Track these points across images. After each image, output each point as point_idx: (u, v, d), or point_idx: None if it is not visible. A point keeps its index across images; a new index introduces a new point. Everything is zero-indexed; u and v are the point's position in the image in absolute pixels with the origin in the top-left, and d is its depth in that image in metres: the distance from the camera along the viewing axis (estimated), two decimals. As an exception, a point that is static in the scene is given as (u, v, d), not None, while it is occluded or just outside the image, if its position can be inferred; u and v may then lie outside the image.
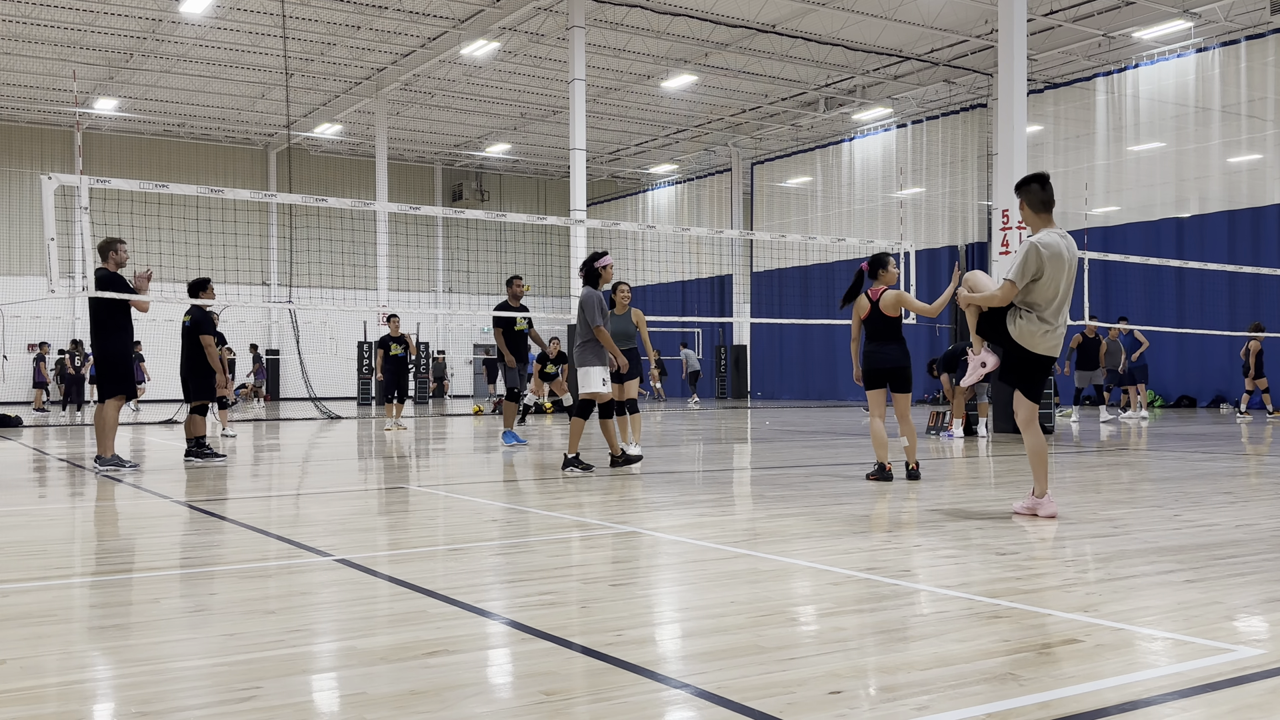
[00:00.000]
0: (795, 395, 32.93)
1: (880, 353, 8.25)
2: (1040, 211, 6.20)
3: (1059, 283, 6.08)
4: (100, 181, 9.70)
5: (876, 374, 8.27)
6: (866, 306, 8.33)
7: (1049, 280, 6.05)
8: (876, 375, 8.28)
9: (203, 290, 10.97)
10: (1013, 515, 6.29)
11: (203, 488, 8.31)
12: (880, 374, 8.26)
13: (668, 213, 38.93)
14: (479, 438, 14.86)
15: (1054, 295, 6.08)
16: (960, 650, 3.28)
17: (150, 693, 2.91)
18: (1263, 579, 4.38)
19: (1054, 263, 6.04)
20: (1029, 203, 6.22)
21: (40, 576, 4.63)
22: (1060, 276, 6.08)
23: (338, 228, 32.29)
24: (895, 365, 8.26)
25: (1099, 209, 24.99)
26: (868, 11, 23.25)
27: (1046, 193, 6.17)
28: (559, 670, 3.11)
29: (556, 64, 26.55)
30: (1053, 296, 6.08)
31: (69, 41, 25.17)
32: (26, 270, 32.03)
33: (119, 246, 9.74)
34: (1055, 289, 6.07)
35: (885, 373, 8.26)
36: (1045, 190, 6.17)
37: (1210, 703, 2.78)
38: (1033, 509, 6.26)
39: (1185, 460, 10.18)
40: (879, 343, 8.27)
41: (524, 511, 6.65)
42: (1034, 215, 6.22)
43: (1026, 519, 6.16)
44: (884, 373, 8.26)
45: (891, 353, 8.26)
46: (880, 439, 8.28)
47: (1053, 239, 6.07)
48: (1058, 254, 6.06)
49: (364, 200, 17.84)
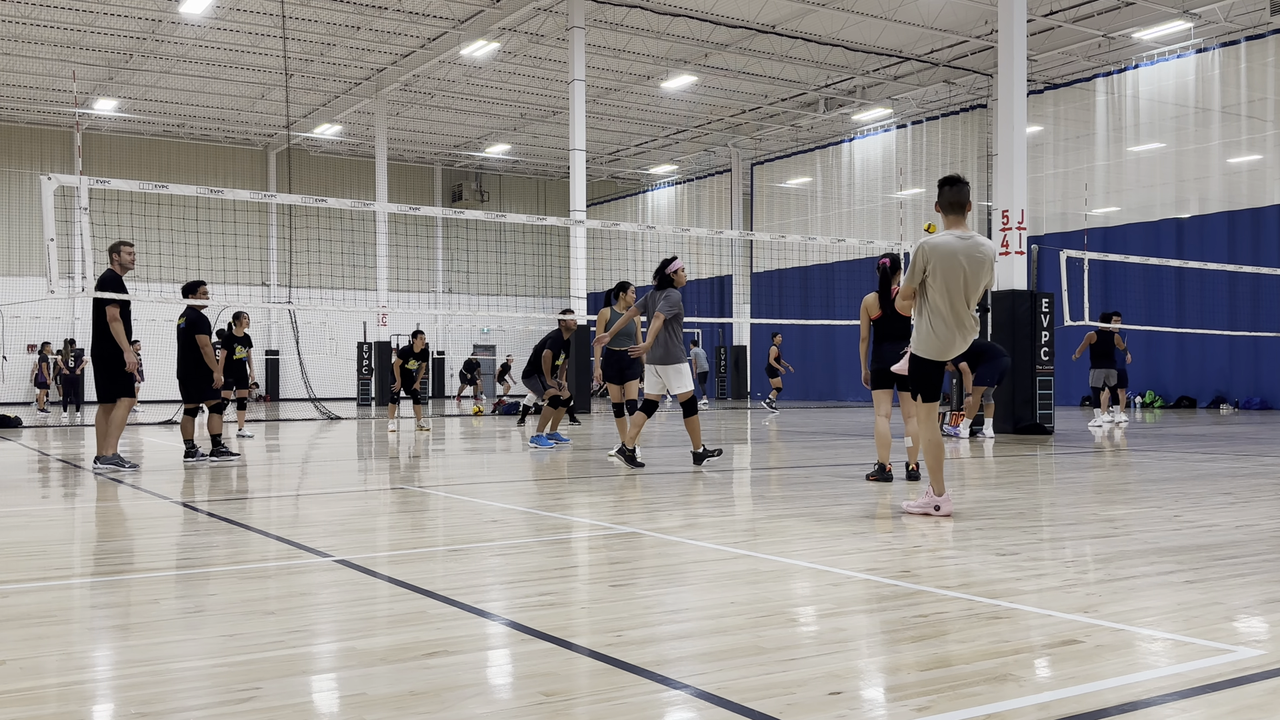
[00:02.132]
0: (795, 395, 32.92)
1: (895, 354, 8.19)
2: (949, 213, 6.27)
3: (952, 282, 6.09)
4: (100, 182, 9.70)
5: (887, 374, 8.21)
6: (878, 307, 8.32)
7: (940, 280, 6.09)
8: (887, 376, 8.21)
9: (194, 293, 10.98)
10: (903, 515, 6.33)
11: (203, 488, 8.31)
12: (889, 374, 8.21)
13: (667, 213, 38.94)
14: (479, 438, 14.86)
15: (946, 295, 6.10)
16: (960, 650, 3.28)
17: (150, 693, 2.91)
18: (1263, 579, 4.38)
19: (943, 262, 6.07)
20: (939, 203, 6.32)
21: (40, 577, 4.62)
22: (953, 277, 6.08)
23: (337, 228, 32.30)
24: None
25: (1099, 209, 25.00)
26: (868, 12, 23.25)
27: (956, 194, 6.22)
28: (559, 671, 3.11)
29: (556, 64, 26.55)
30: (945, 297, 6.10)
31: (69, 42, 25.17)
32: (26, 271, 32.04)
33: (124, 249, 9.78)
34: (945, 289, 6.10)
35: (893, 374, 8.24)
36: (955, 191, 6.23)
37: (1210, 703, 2.78)
38: (927, 508, 6.28)
39: (1185, 460, 10.17)
40: (894, 343, 8.19)
41: (524, 512, 6.65)
42: (943, 216, 6.31)
43: (920, 518, 6.18)
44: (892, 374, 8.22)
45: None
46: (884, 439, 8.28)
47: (945, 239, 6.12)
48: (949, 254, 6.08)
49: (364, 201, 17.84)
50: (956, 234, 6.14)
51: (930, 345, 6.24)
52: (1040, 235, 25.19)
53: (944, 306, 6.11)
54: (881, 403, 8.33)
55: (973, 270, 6.10)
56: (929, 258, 6.07)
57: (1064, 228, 25.64)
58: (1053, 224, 26.11)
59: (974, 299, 6.19)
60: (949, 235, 6.13)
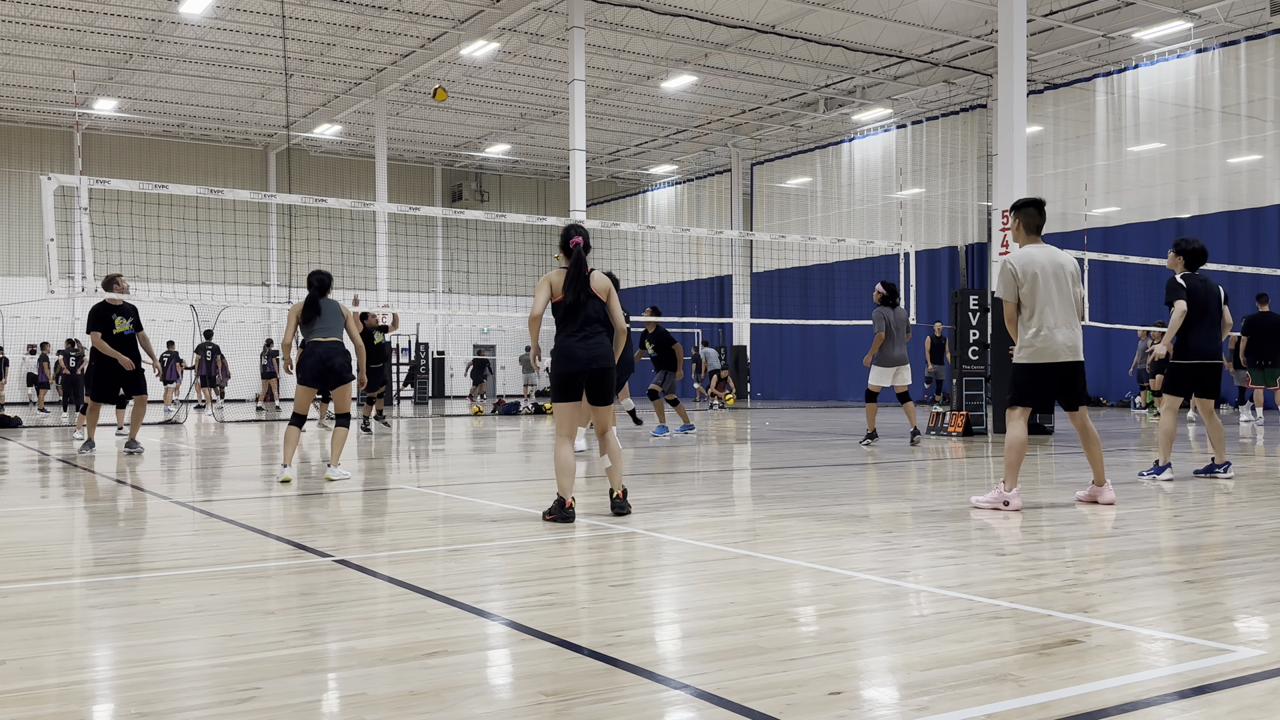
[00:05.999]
0: (795, 396, 32.92)
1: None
2: (1031, 234, 6.75)
3: (1041, 292, 6.54)
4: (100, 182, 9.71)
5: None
6: None
7: (1028, 291, 6.56)
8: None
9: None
10: (1075, 503, 6.76)
11: (203, 489, 8.31)
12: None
13: (667, 213, 38.93)
14: (479, 439, 14.86)
15: (1034, 304, 6.56)
16: (960, 651, 3.29)
17: (150, 693, 2.91)
18: (1263, 579, 4.38)
19: (1030, 277, 6.57)
20: (1023, 224, 6.78)
21: (40, 577, 4.63)
22: (1041, 286, 6.55)
23: (337, 228, 32.29)
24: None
25: (1099, 209, 24.99)
26: (867, 12, 23.24)
27: (1041, 217, 6.76)
28: (559, 671, 3.11)
29: (556, 64, 26.54)
30: (1034, 305, 6.56)
31: (69, 42, 25.16)
32: (26, 271, 32.03)
33: (119, 280, 10.42)
34: (1033, 298, 6.55)
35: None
36: (1040, 214, 6.77)
37: (1210, 703, 2.78)
38: (996, 503, 6.53)
39: (1185, 460, 10.17)
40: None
41: (524, 512, 6.65)
42: (1024, 235, 6.77)
43: (989, 513, 6.43)
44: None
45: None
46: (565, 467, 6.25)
47: (1028, 252, 6.64)
48: (1029, 268, 6.58)
49: (364, 200, 17.84)
50: (1037, 247, 6.68)
51: (1038, 347, 6.63)
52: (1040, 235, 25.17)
53: (1037, 310, 6.59)
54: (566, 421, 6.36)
55: (1062, 276, 6.64)
56: (1017, 272, 6.58)
57: (1064, 228, 25.63)
58: (1053, 224, 26.05)
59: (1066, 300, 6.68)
60: (1030, 249, 6.68)
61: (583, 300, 6.13)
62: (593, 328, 6.17)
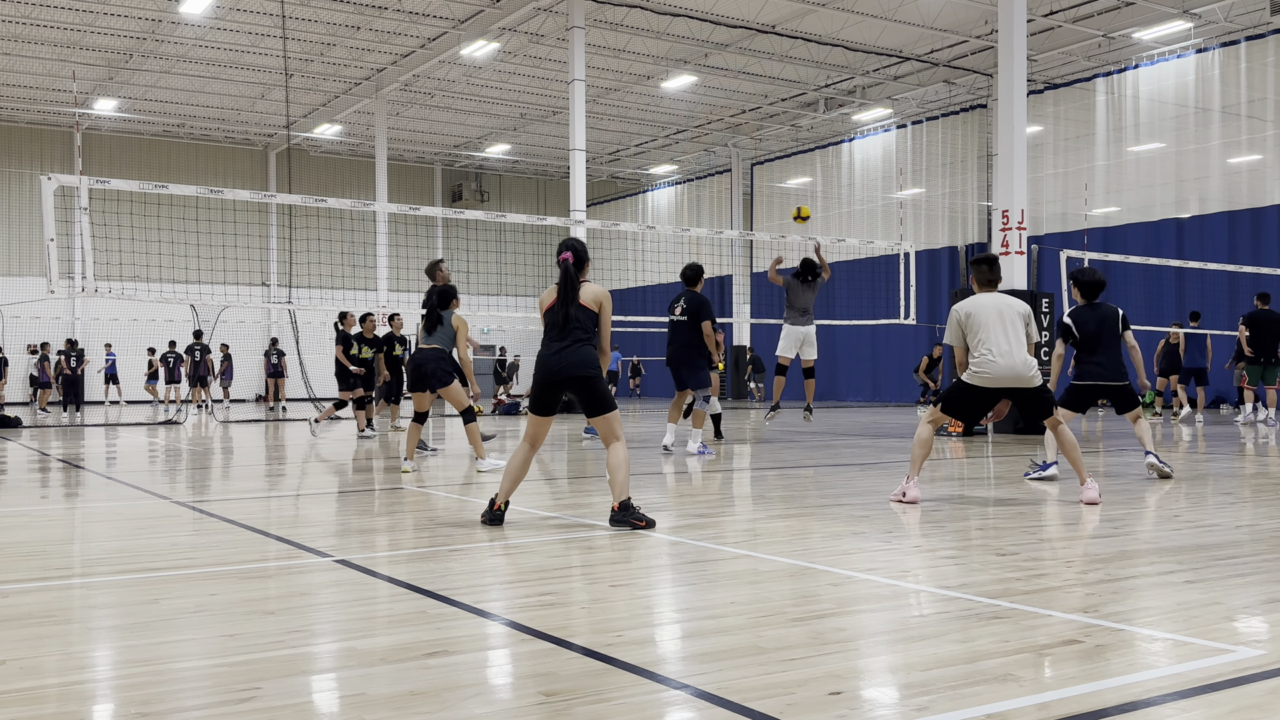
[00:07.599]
0: (795, 396, 32.91)
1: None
2: (984, 286, 7.26)
3: (983, 328, 7.03)
4: (100, 182, 9.71)
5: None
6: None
7: (972, 330, 7.09)
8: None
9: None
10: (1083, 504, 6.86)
11: (203, 488, 8.31)
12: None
13: (667, 213, 38.93)
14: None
15: (978, 337, 7.06)
16: (960, 651, 3.28)
17: (150, 693, 2.91)
18: (1263, 579, 4.38)
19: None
20: (975, 278, 7.30)
21: (40, 577, 4.63)
22: (983, 323, 7.05)
23: (337, 228, 32.29)
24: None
25: (1099, 209, 24.99)
26: (867, 12, 23.24)
27: (993, 273, 7.27)
28: (559, 671, 3.11)
29: (556, 64, 26.54)
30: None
31: (69, 42, 25.16)
32: (26, 271, 32.03)
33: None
34: (976, 333, 7.06)
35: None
36: (992, 271, 7.27)
37: (1210, 703, 2.78)
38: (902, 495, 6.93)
39: (1184, 460, 10.17)
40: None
41: (524, 512, 6.65)
42: (978, 287, 7.29)
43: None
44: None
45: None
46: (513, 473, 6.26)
47: (975, 299, 7.17)
48: (974, 311, 7.11)
49: (364, 201, 17.83)
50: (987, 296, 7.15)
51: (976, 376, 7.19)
52: (1040, 235, 25.18)
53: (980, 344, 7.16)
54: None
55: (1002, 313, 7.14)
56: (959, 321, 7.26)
57: (1064, 228, 25.63)
58: (1053, 224, 26.09)
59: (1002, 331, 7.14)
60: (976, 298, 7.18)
61: (570, 312, 6.13)
62: (574, 335, 6.10)
